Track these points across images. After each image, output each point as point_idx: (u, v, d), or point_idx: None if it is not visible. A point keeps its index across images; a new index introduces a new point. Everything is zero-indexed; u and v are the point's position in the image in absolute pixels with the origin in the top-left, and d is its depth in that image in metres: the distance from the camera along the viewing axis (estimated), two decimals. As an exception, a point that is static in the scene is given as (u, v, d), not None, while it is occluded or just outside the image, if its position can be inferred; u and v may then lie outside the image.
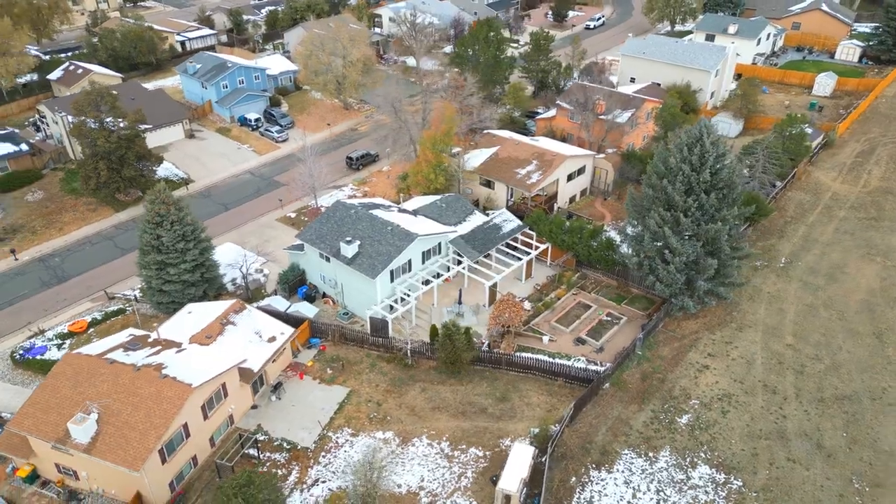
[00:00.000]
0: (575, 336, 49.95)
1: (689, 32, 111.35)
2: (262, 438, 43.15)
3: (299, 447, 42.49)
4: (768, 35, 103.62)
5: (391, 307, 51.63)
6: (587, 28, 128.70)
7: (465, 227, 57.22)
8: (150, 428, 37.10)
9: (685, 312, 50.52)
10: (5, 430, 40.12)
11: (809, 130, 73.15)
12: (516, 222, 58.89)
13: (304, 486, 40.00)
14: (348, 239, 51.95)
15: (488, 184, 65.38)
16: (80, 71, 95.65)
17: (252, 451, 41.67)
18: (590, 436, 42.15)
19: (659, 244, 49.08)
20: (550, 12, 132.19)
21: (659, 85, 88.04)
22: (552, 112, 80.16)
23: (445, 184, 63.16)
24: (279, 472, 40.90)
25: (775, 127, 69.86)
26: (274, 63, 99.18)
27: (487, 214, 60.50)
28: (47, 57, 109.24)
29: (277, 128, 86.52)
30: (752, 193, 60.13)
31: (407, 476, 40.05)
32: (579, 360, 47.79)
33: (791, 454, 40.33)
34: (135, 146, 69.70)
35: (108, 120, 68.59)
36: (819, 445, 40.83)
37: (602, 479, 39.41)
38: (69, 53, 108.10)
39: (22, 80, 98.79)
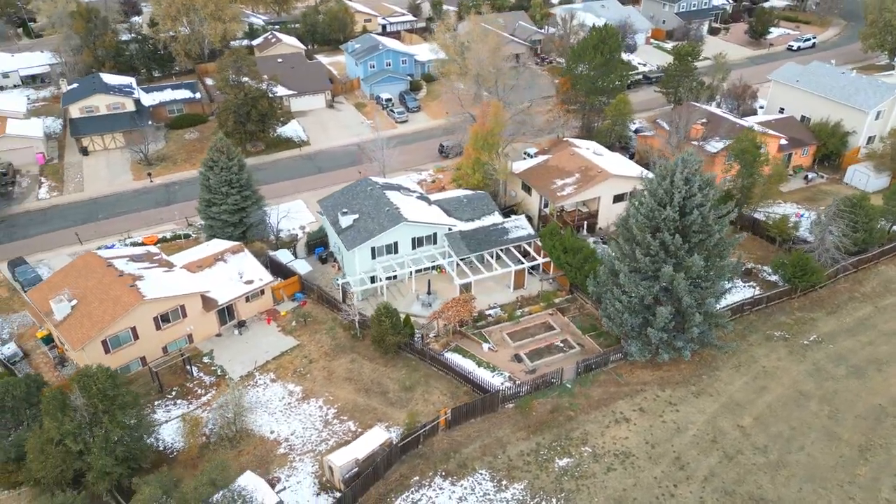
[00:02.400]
0: (515, 352, 48.40)
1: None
2: (206, 361, 50.00)
3: (227, 377, 48.41)
4: None
5: (371, 280, 54.90)
6: (789, 49, 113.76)
7: (471, 225, 57.70)
8: (99, 322, 45.82)
9: (643, 358, 45.72)
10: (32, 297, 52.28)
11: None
12: (527, 231, 57.66)
13: (209, 408, 45.76)
14: (344, 210, 56.23)
15: (529, 190, 64.30)
16: (273, 39, 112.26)
17: (191, 368, 48.70)
18: (460, 445, 41.53)
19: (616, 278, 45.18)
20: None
21: (806, 119, 76.45)
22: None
23: (483, 181, 63.65)
24: (198, 390, 47.30)
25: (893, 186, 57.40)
26: (424, 50, 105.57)
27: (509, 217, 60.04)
28: (267, 26, 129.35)
29: (400, 109, 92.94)
30: (803, 255, 51.19)
31: (283, 426, 43.67)
32: (502, 374, 46.48)
33: (648, 534, 35.71)
34: (259, 105, 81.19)
35: (244, 80, 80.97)
36: (688, 537, 35.45)
37: (441, 489, 38.97)
38: (277, 25, 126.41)
39: (235, 44, 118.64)
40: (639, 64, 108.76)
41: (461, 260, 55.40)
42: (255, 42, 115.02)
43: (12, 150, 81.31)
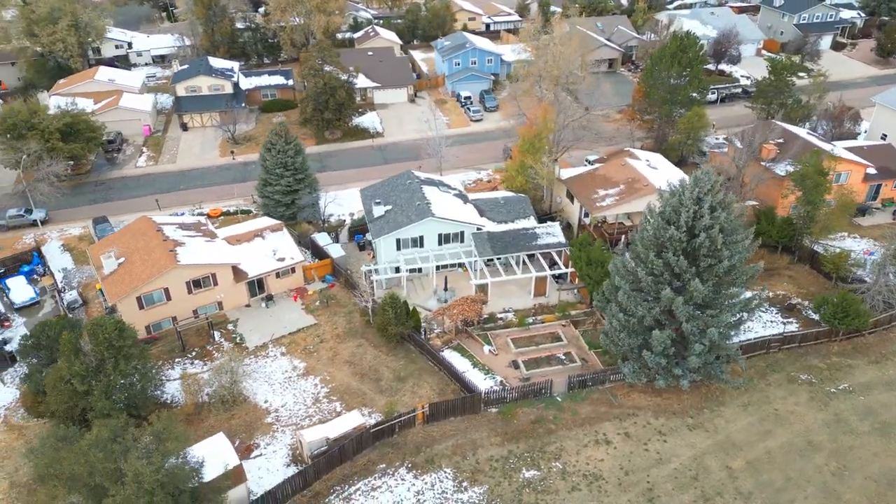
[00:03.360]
0: (514, 358, 47.78)
1: None
2: (230, 328, 53.49)
3: (243, 345, 51.57)
4: None
5: (396, 270, 56.18)
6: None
7: (502, 227, 57.34)
8: (136, 279, 50.42)
9: (639, 381, 43.64)
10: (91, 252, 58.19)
11: None
12: (558, 238, 56.46)
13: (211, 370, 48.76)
14: (377, 200, 57.85)
15: (572, 198, 62.76)
16: (372, 33, 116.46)
17: (213, 333, 52.37)
18: (433, 441, 41.83)
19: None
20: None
21: (909, 149, 68.78)
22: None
23: (526, 184, 62.98)
24: (216, 353, 50.74)
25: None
26: (511, 50, 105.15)
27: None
28: (374, 20, 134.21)
29: (476, 108, 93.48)
30: (849, 294, 46.50)
31: (277, 398, 45.97)
32: (494, 378, 46.12)
33: (593, 561, 34.32)
34: (336, 95, 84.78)
35: (326, 70, 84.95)
36: (635, 572, 33.68)
37: (403, 480, 39.53)
38: (381, 20, 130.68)
39: (340, 36, 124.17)
40: (742, 77, 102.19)
41: (487, 261, 55.19)
42: (356, 35, 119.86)
43: (123, 120, 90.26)
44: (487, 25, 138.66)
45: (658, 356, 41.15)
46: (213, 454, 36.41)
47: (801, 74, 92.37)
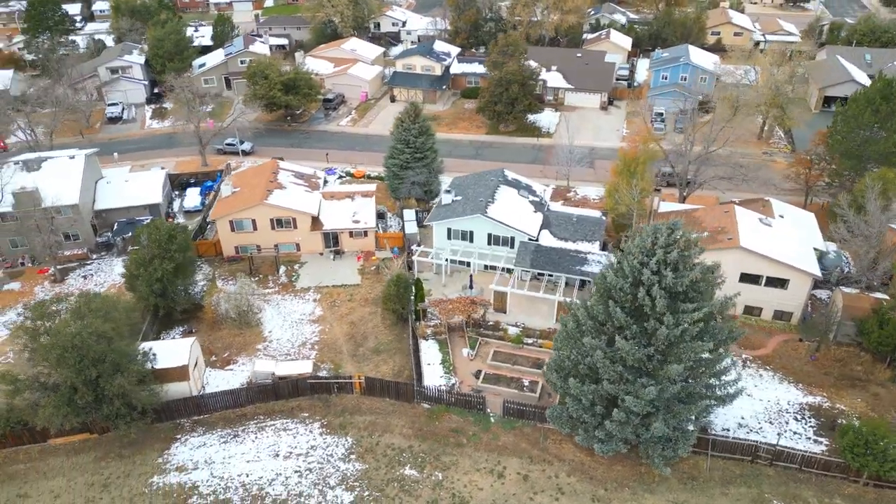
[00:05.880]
0: (478, 368, 46.74)
1: None
2: (296, 267, 61.34)
3: (294, 282, 58.99)
4: None
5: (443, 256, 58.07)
6: None
7: (556, 243, 55.00)
8: (234, 207, 60.88)
9: (562, 429, 39.65)
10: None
11: None
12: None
13: (265, 297, 57.04)
14: (447, 189, 59.83)
15: (658, 233, 56.43)
16: (604, 36, 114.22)
17: (279, 267, 60.78)
18: (358, 412, 44.17)
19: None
20: None
21: None
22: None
23: (614, 208, 58.64)
24: (270, 284, 58.95)
25: None
26: (715, 67, 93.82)
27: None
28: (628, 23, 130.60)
29: (660, 126, 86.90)
30: (881, 425, 35.47)
31: (278, 332, 52.27)
32: (450, 379, 45.93)
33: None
34: (509, 90, 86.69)
35: (518, 63, 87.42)
36: None
37: (310, 432, 42.77)
38: (626, 24, 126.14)
39: (586, 36, 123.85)
40: None
41: (538, 274, 53.76)
42: (590, 36, 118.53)
43: (348, 84, 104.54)
44: (757, 43, 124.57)
45: (582, 409, 37.17)
46: (170, 350, 44.29)
47: None
